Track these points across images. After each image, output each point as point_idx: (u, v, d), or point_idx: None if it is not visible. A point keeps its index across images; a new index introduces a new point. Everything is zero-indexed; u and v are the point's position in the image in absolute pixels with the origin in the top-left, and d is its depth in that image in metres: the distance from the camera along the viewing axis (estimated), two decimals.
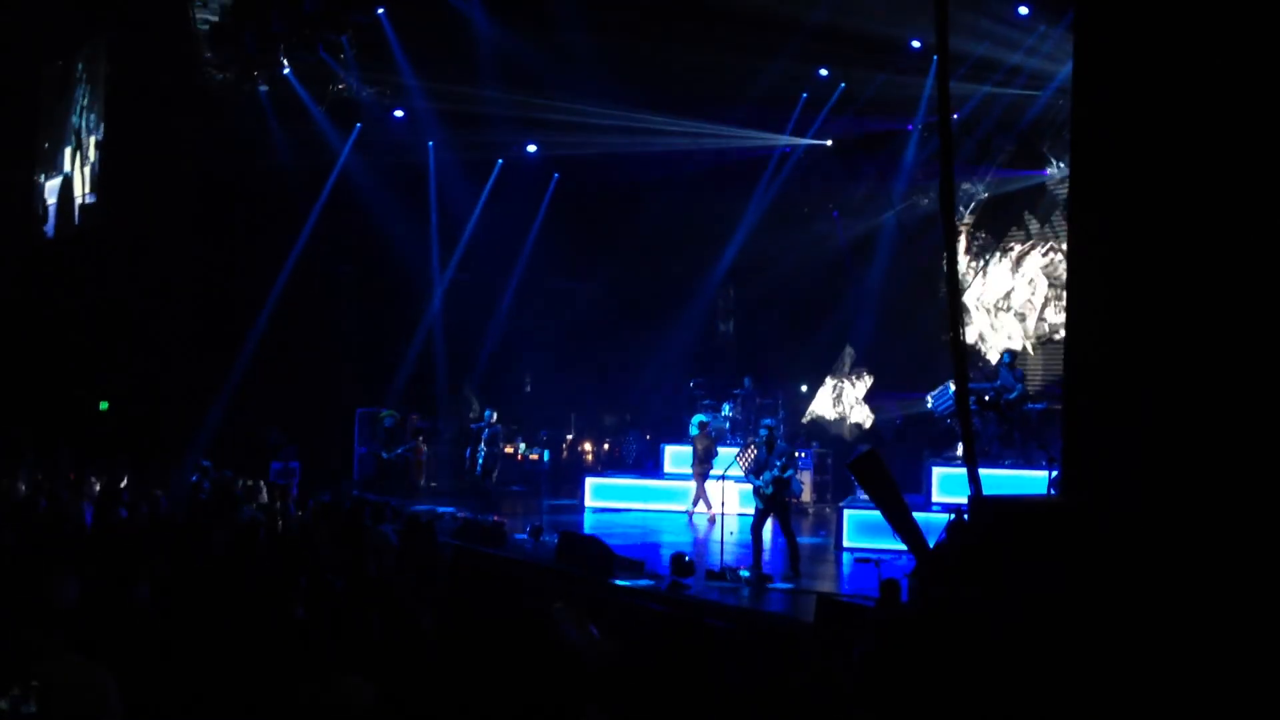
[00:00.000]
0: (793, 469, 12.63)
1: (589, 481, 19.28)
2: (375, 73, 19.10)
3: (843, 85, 18.47)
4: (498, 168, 22.69)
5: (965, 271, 19.23)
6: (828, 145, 20.48)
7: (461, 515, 16.17)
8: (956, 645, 5.89)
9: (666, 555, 12.33)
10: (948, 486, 14.91)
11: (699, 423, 18.48)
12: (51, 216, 25.43)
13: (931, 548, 8.10)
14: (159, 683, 4.66)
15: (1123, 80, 6.12)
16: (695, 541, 15.42)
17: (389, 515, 13.95)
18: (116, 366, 22.02)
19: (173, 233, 21.50)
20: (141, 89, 21.21)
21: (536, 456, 22.14)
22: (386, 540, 11.61)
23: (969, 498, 7.39)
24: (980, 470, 7.73)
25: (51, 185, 25.65)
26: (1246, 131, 5.57)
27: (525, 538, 14.59)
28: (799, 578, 11.99)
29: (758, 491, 12.42)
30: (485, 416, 18.77)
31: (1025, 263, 19.30)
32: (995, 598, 6.09)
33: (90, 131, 24.26)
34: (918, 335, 19.20)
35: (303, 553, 8.49)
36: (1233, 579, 5.33)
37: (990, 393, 15.97)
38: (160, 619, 5.57)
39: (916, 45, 16.38)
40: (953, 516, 8.15)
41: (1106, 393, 6.09)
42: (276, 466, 18.14)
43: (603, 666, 5.30)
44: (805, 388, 22.28)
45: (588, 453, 23.42)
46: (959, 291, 8.16)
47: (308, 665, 4.70)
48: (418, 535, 11.99)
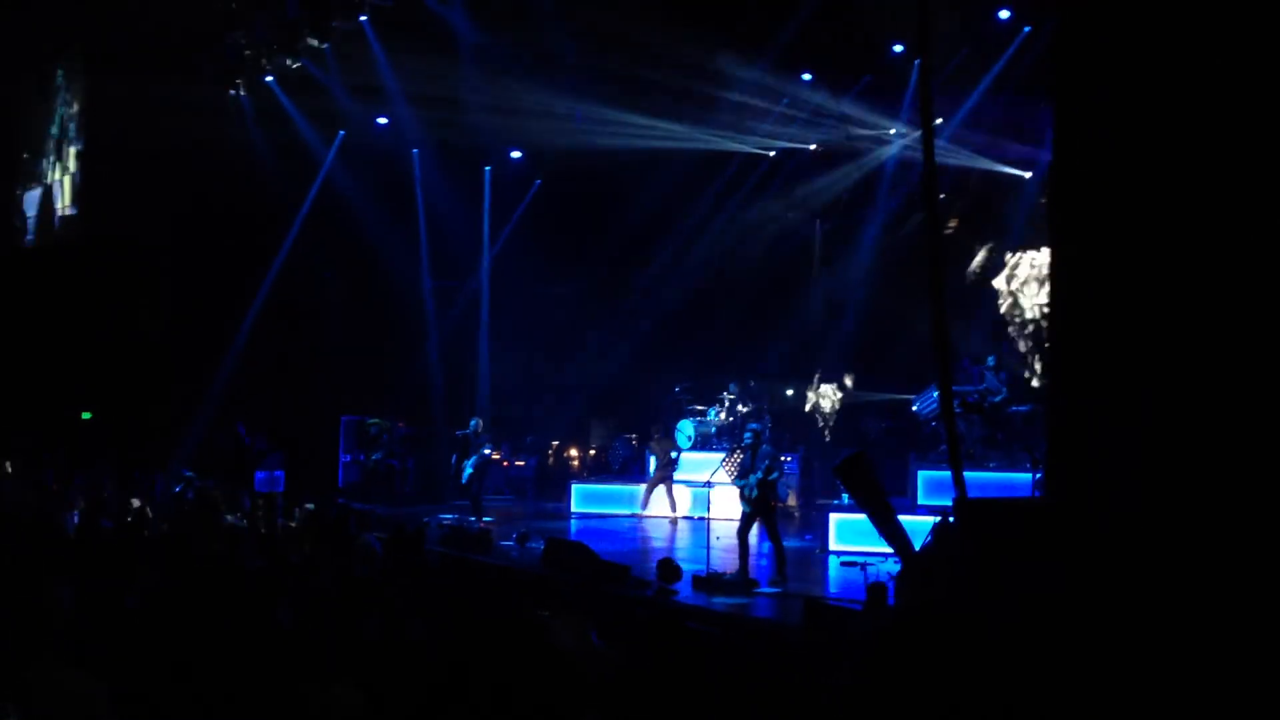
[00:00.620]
0: (777, 472, 12.65)
1: (575, 487, 19.27)
2: (358, 79, 19.08)
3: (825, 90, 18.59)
4: (487, 175, 22.70)
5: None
6: (811, 149, 20.54)
7: (448, 522, 16.15)
8: (943, 647, 5.91)
9: (653, 561, 12.32)
10: (933, 489, 14.96)
11: (691, 427, 18.83)
12: (31, 228, 25.28)
13: (917, 550, 8.14)
14: (147, 692, 4.64)
15: (1105, 76, 6.14)
16: (682, 547, 15.42)
17: (374, 523, 13.93)
18: (99, 376, 21.91)
19: (154, 242, 21.42)
20: (122, 98, 21.10)
21: (523, 463, 22.15)
22: (372, 548, 11.56)
23: (954, 500, 7.41)
24: (965, 473, 7.75)
25: (31, 197, 25.49)
26: (1233, 125, 5.59)
27: (512, 544, 14.57)
28: (786, 581, 11.98)
29: (743, 495, 12.43)
30: (471, 424, 18.75)
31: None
32: (981, 599, 6.11)
33: (70, 142, 24.12)
34: (904, 337, 19.25)
35: (288, 561, 8.46)
36: (1218, 580, 5.36)
37: (974, 395, 16.03)
38: (146, 628, 5.55)
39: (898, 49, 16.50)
40: (938, 519, 8.19)
41: (1089, 392, 6.11)
42: (261, 475, 18.07)
43: (600, 675, 5.29)
44: (791, 391, 22.30)
45: (574, 459, 23.39)
46: (942, 293, 8.17)
47: (294, 674, 4.69)
48: (404, 543, 11.96)
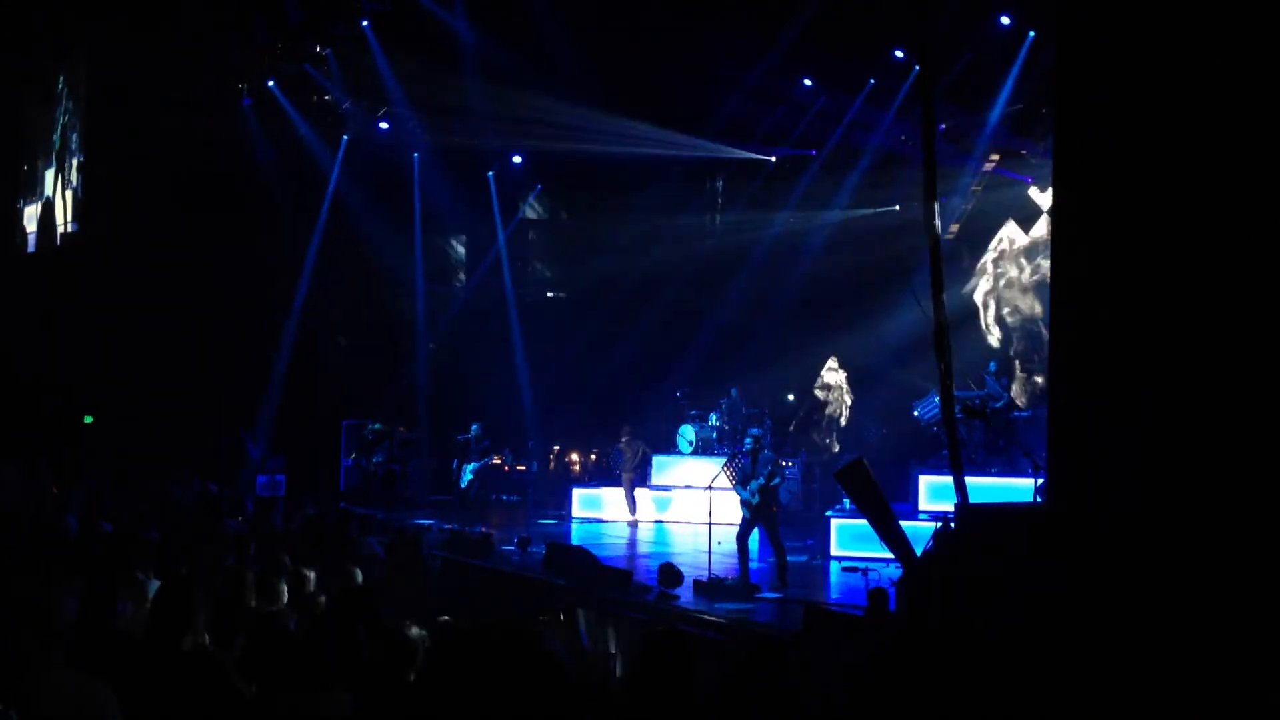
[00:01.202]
0: (779, 478, 12.65)
1: (576, 492, 19.27)
2: (360, 84, 19.12)
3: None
4: (491, 180, 22.73)
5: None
6: (812, 154, 20.57)
7: (449, 527, 16.14)
8: (945, 652, 5.91)
9: (654, 566, 12.31)
10: (934, 495, 14.95)
11: (693, 431, 18.86)
12: (32, 243, 25.26)
13: (919, 556, 8.13)
14: (147, 698, 4.63)
15: (1107, 78, 6.14)
16: (683, 552, 15.41)
17: (375, 527, 13.93)
18: (101, 379, 21.91)
19: (157, 246, 21.41)
20: (124, 105, 21.12)
21: (524, 467, 22.14)
22: (373, 552, 11.58)
23: (955, 506, 7.42)
24: (966, 478, 7.76)
25: (31, 212, 25.44)
26: (1233, 130, 5.59)
27: (513, 549, 14.55)
28: (787, 587, 11.98)
29: (744, 501, 12.42)
30: (471, 429, 18.73)
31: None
32: (983, 604, 6.11)
33: (72, 154, 24.06)
34: (902, 343, 19.26)
35: (289, 565, 8.45)
36: (1216, 581, 5.35)
37: (976, 401, 16.03)
38: (146, 634, 5.54)
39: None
40: (940, 525, 8.18)
41: (1089, 398, 6.12)
42: (263, 479, 18.08)
43: (599, 680, 5.29)
44: (791, 396, 22.30)
45: (575, 463, 23.39)
46: (942, 300, 8.18)
47: (295, 679, 4.68)
48: (405, 547, 11.96)
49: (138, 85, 20.43)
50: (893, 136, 19.03)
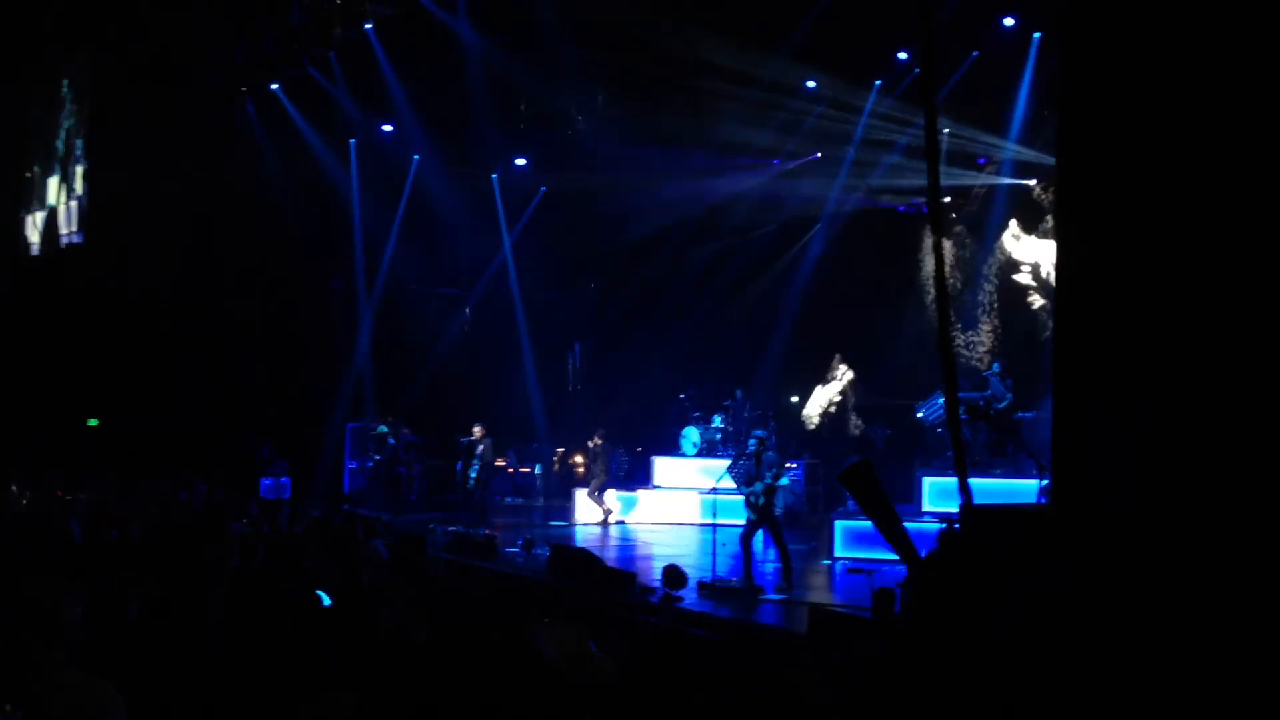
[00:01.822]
0: (784, 479, 12.67)
1: (580, 494, 19.27)
2: (363, 88, 19.14)
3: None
4: (495, 183, 22.74)
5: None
6: (817, 157, 20.56)
7: (453, 529, 16.15)
8: (950, 655, 5.90)
9: (658, 567, 12.31)
10: (938, 496, 14.95)
11: (697, 433, 18.97)
12: (36, 251, 25.26)
13: (923, 557, 8.11)
14: (153, 700, 4.64)
15: (1112, 77, 6.14)
16: (687, 554, 15.40)
17: (380, 530, 13.92)
18: (105, 382, 21.94)
19: (161, 250, 21.43)
20: (128, 109, 21.13)
21: (528, 470, 22.15)
22: (378, 555, 11.58)
23: (960, 507, 7.40)
24: (971, 479, 7.74)
25: (33, 220, 25.43)
26: (1237, 128, 5.58)
27: (517, 551, 14.57)
28: (791, 588, 11.99)
29: (749, 502, 12.43)
30: (475, 431, 18.75)
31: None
32: (988, 606, 6.10)
33: (76, 160, 24.04)
34: (908, 343, 19.28)
35: (295, 568, 8.47)
36: (1224, 584, 5.34)
37: (980, 402, 16.02)
38: (152, 636, 5.56)
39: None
40: (944, 526, 8.17)
41: (1095, 396, 6.11)
42: (268, 482, 18.09)
43: (599, 683, 5.29)
44: (795, 398, 22.30)
45: (579, 465, 23.39)
46: (947, 298, 8.18)
47: (301, 681, 4.69)
48: (409, 550, 11.97)
49: (142, 92, 20.45)
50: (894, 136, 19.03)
